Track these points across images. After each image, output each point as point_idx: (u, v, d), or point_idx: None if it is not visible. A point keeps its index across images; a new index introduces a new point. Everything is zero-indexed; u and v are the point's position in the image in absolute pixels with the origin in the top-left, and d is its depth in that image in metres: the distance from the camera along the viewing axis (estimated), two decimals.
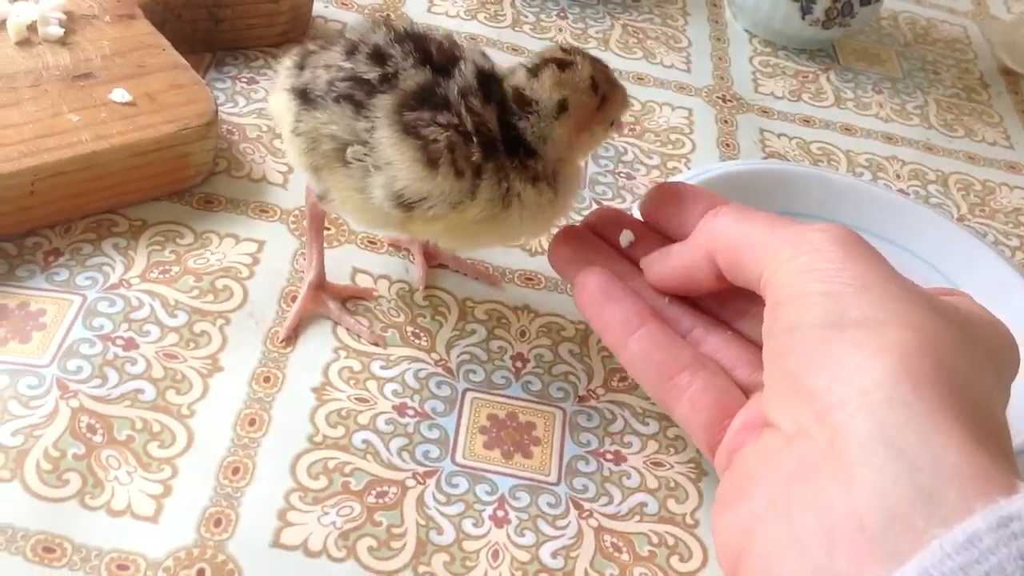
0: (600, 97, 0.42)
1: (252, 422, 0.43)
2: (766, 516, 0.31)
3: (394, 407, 0.45)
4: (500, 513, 0.42)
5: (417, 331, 0.49)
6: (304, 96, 0.41)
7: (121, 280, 0.47)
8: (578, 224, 0.44)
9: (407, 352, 0.48)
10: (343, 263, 0.51)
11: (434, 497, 0.42)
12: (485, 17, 0.72)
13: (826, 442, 0.29)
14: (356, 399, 0.45)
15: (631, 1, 0.77)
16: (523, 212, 0.41)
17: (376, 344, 0.48)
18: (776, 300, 0.34)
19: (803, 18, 0.73)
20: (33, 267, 0.47)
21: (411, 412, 0.45)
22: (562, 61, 0.42)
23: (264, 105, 0.58)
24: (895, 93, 0.74)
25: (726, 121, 0.67)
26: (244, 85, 0.60)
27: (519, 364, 0.49)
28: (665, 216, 0.42)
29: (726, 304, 0.40)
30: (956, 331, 0.32)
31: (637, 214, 0.44)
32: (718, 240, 0.37)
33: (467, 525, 0.42)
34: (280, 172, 0.55)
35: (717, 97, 0.69)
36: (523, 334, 0.50)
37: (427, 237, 0.45)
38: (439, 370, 0.47)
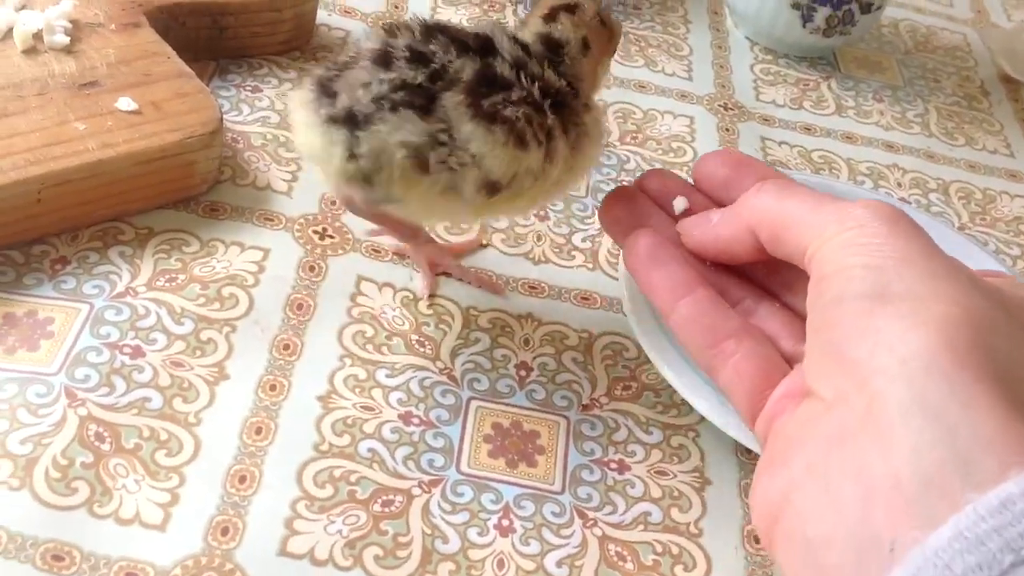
0: (608, 30, 0.47)
1: (258, 430, 0.43)
2: (804, 480, 0.31)
3: (399, 416, 0.45)
4: (505, 522, 0.43)
5: (422, 339, 0.49)
6: (352, 120, 0.39)
7: (128, 288, 0.47)
8: (631, 184, 0.44)
9: (412, 360, 0.48)
10: (348, 271, 0.51)
11: (439, 506, 0.43)
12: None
13: (865, 408, 0.30)
14: (362, 407, 0.45)
15: (632, 9, 0.77)
16: (582, 158, 0.44)
17: (498, 294, 0.51)
18: (820, 274, 0.34)
19: (804, 26, 0.73)
20: (40, 275, 0.47)
21: (416, 421, 0.45)
22: (570, 5, 0.45)
23: (268, 113, 0.59)
24: (896, 101, 0.74)
25: (727, 129, 0.67)
26: (248, 93, 0.60)
27: (523, 373, 0.49)
28: (718, 182, 0.42)
29: (774, 275, 0.41)
30: (996, 308, 0.32)
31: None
32: (760, 215, 0.38)
33: (472, 534, 0.42)
34: (284, 180, 0.55)
35: (719, 105, 0.69)
36: (527, 342, 0.50)
37: (502, 215, 0.46)
38: (444, 379, 0.48)
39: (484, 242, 0.55)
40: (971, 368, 0.29)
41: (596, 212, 0.58)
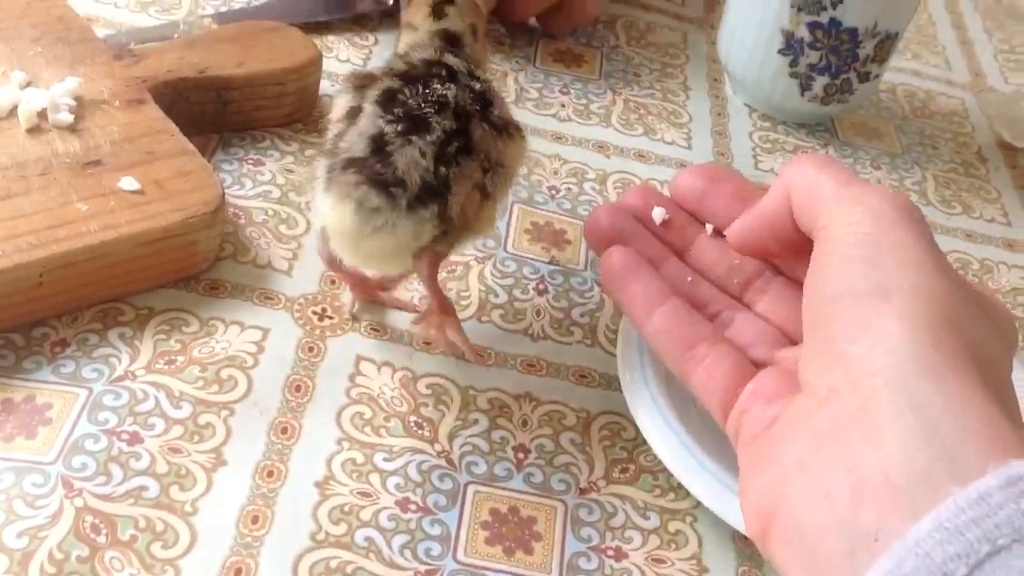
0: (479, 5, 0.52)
1: (255, 519, 0.43)
2: (797, 475, 0.33)
3: (396, 502, 0.45)
4: None
5: (420, 421, 0.49)
6: (435, 192, 0.44)
7: (127, 372, 0.48)
8: (615, 202, 0.47)
9: (410, 443, 0.48)
10: (347, 351, 0.51)
11: None
12: None
13: (857, 406, 0.32)
14: (359, 493, 0.45)
15: (632, 76, 0.78)
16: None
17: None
18: (821, 253, 0.36)
19: (802, 94, 0.74)
20: (40, 359, 0.47)
21: (413, 507, 0.45)
22: None
23: (270, 187, 0.59)
24: (893, 168, 0.75)
25: None
26: (251, 167, 0.60)
27: (521, 455, 0.49)
28: (695, 195, 0.45)
29: (748, 286, 0.44)
30: (979, 310, 0.35)
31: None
32: (799, 180, 0.39)
33: None
34: (285, 259, 0.55)
35: None
36: (525, 423, 0.50)
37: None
38: (441, 462, 0.48)
39: (481, 319, 0.55)
40: (960, 368, 0.32)
41: (595, 284, 0.58)
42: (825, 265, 0.36)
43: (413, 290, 0.55)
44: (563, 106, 0.73)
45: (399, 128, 0.44)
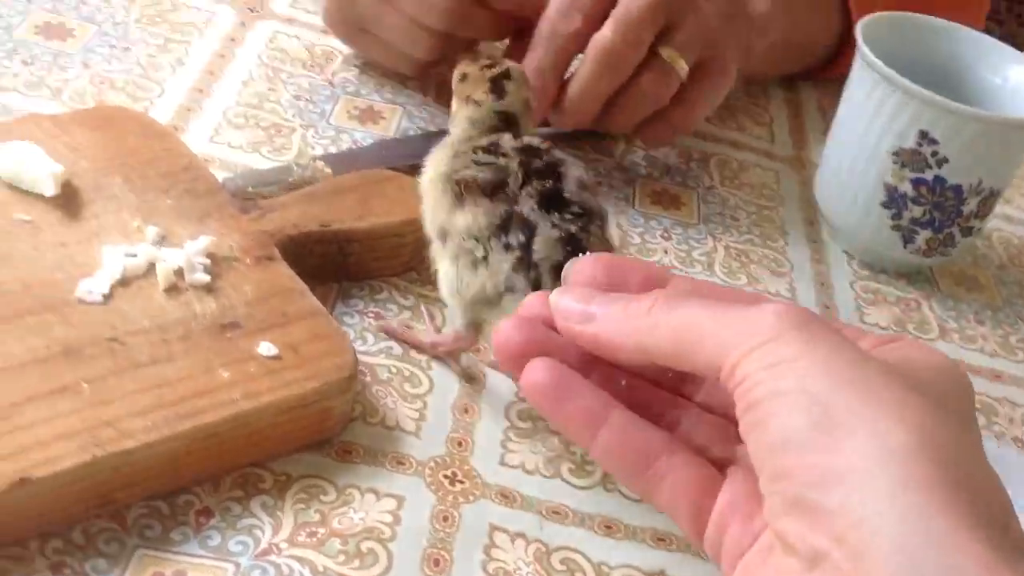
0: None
1: None
2: None
3: None
4: None
5: None
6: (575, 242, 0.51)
7: (271, 545, 0.47)
8: (519, 314, 0.41)
9: None
10: (480, 520, 0.51)
11: None
12: None
13: (851, 568, 0.29)
14: None
15: (731, 219, 0.78)
16: None
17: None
18: (750, 399, 0.33)
19: (904, 247, 0.74)
20: (186, 529, 0.47)
21: None
22: (497, 71, 0.58)
23: (391, 344, 0.59)
24: (997, 324, 0.74)
25: None
26: (371, 320, 0.61)
27: None
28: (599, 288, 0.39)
29: (683, 379, 0.40)
30: (940, 411, 0.32)
31: None
32: (658, 334, 0.36)
33: None
34: (412, 419, 0.55)
35: None
36: None
37: None
38: None
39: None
40: (946, 506, 0.29)
41: None
42: (754, 411, 0.33)
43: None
44: (665, 252, 0.73)
45: (580, 224, 0.52)
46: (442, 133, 0.75)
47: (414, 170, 0.71)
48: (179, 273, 0.54)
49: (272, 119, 0.74)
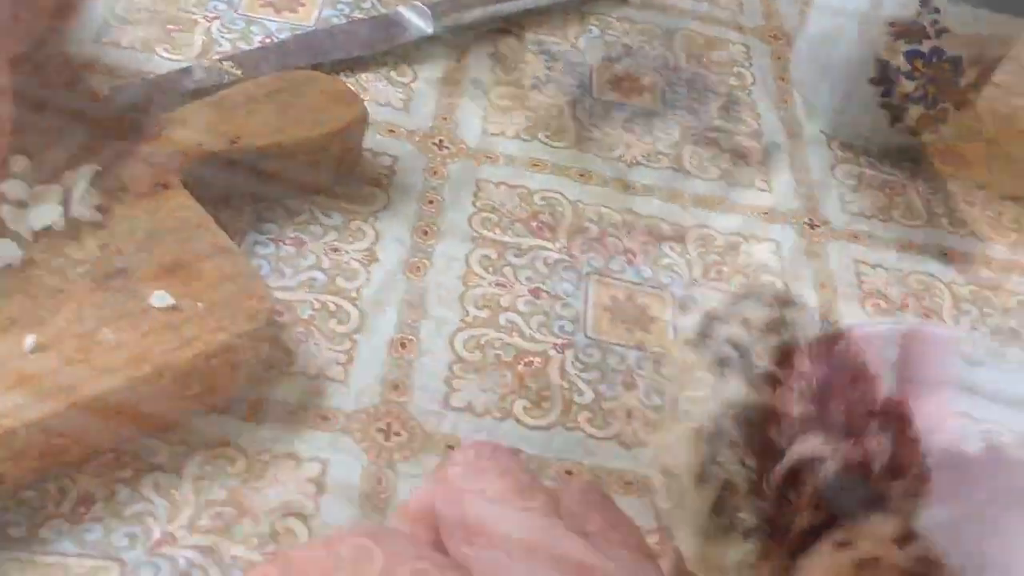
0: None
1: None
2: None
3: None
4: None
5: None
6: None
7: (165, 534, 0.40)
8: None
9: None
10: (421, 478, 0.45)
11: None
12: (546, 135, 0.65)
13: None
14: None
15: (698, 105, 0.70)
16: None
17: None
18: None
19: (892, 125, 0.66)
20: (60, 523, 0.40)
21: None
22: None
23: (315, 273, 0.52)
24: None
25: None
26: (289, 248, 0.53)
27: None
28: None
29: None
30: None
31: None
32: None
33: None
34: (339, 364, 0.48)
35: (804, 223, 0.63)
36: None
37: None
38: None
39: None
40: None
41: None
42: None
43: None
44: (628, 146, 0.65)
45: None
46: (373, 20, 0.67)
47: (339, 68, 0.63)
48: (53, 211, 0.46)
49: (170, 11, 0.65)
